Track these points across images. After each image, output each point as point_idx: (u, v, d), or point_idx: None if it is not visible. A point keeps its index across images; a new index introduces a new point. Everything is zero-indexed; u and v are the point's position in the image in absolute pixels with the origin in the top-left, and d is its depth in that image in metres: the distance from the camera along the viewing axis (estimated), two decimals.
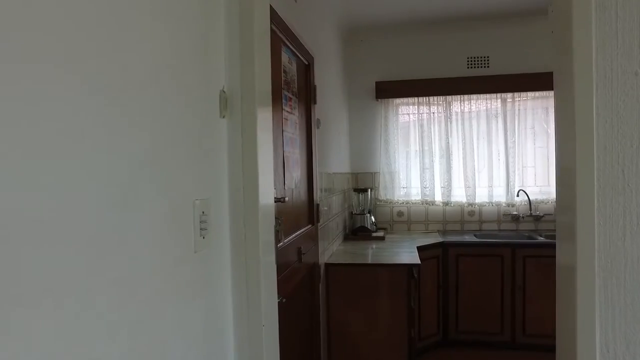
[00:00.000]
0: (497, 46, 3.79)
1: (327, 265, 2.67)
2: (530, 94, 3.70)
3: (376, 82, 3.84)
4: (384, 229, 3.95)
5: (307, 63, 2.28)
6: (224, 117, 1.21)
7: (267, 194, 1.29)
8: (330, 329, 2.63)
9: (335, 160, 3.26)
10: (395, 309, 2.58)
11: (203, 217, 1.07)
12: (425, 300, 3.19)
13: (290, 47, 1.94)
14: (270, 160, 1.35)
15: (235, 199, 1.22)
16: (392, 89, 3.81)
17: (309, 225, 2.25)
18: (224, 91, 1.22)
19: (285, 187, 1.80)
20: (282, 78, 1.81)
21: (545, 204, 3.73)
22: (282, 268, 1.66)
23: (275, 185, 1.61)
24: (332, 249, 2.97)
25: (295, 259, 1.90)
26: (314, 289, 2.33)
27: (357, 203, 3.76)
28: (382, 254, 2.94)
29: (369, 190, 3.77)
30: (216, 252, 1.15)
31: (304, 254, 1.98)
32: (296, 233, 1.97)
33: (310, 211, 2.28)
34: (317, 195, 2.44)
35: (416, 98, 3.85)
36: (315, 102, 2.41)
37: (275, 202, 1.50)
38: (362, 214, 3.66)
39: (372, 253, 2.99)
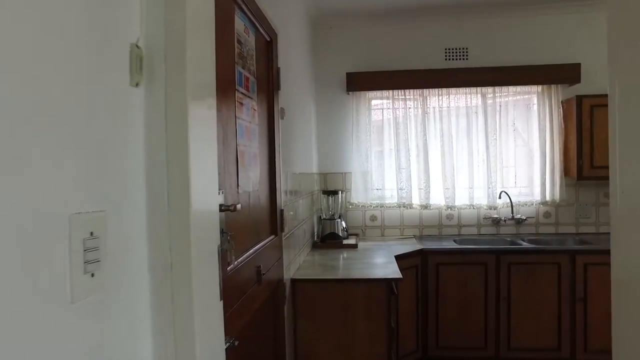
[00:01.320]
0: (477, 37, 3.52)
1: (294, 281, 2.27)
2: (512, 88, 3.45)
3: (347, 74, 3.48)
4: (356, 234, 3.60)
5: (269, 39, 1.88)
6: (137, 85, 0.79)
7: (206, 201, 0.88)
8: (297, 359, 2.23)
9: (302, 159, 2.87)
10: (374, 332, 2.21)
11: (91, 242, 0.65)
12: (403, 314, 2.84)
13: (247, 13, 1.53)
14: (213, 152, 0.94)
15: (155, 209, 0.80)
16: (365, 81, 3.46)
17: (272, 237, 1.85)
18: (137, 46, 0.80)
19: (240, 191, 1.39)
20: (236, 49, 1.40)
21: (527, 206, 3.49)
22: (234, 298, 1.25)
23: (223, 188, 1.20)
24: (299, 261, 2.57)
25: (253, 282, 1.49)
26: (277, 314, 1.92)
27: (326, 207, 3.38)
28: (356, 265, 2.57)
29: (340, 192, 3.40)
30: (121, 295, 0.73)
31: (263, 274, 1.57)
32: (255, 248, 1.56)
33: (273, 219, 1.88)
34: (282, 199, 2.03)
35: (391, 91, 3.52)
36: (279, 88, 2.01)
37: (221, 211, 1.09)
38: (332, 219, 3.28)
39: (344, 264, 2.62)
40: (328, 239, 3.20)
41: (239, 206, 1.15)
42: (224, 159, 1.23)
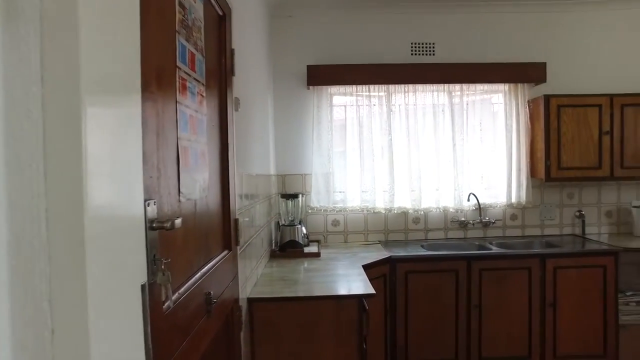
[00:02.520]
0: (443, 33, 3.36)
1: (251, 301, 1.94)
2: (479, 87, 3.31)
3: (308, 66, 3.19)
4: (318, 241, 3.32)
5: (221, 13, 1.55)
6: None
7: (120, 219, 0.56)
8: None
9: (259, 159, 2.55)
10: (344, 355, 1.93)
11: None
12: (371, 329, 2.59)
13: None
14: (134, 145, 0.62)
15: (22, 239, 0.47)
16: (327, 75, 3.19)
17: (225, 252, 1.52)
18: None
19: (182, 199, 1.06)
20: (178, 13, 1.07)
21: (495, 208, 3.37)
22: (174, 345, 0.92)
23: (157, 196, 0.87)
24: (256, 275, 2.25)
25: (202, 314, 1.17)
26: (232, 345, 1.59)
27: (285, 212, 3.08)
28: (321, 278, 2.29)
29: (300, 196, 3.11)
30: None
31: (214, 301, 1.25)
32: (203, 270, 1.23)
33: (226, 230, 1.55)
34: (236, 205, 1.71)
35: (354, 87, 3.28)
36: (233, 74, 1.68)
37: (153, 229, 0.76)
38: (292, 225, 2.98)
39: (307, 277, 2.33)
40: (288, 248, 2.90)
41: (178, 221, 0.82)
42: (158, 157, 0.90)
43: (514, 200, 3.28)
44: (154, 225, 0.78)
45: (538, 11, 3.36)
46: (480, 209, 3.29)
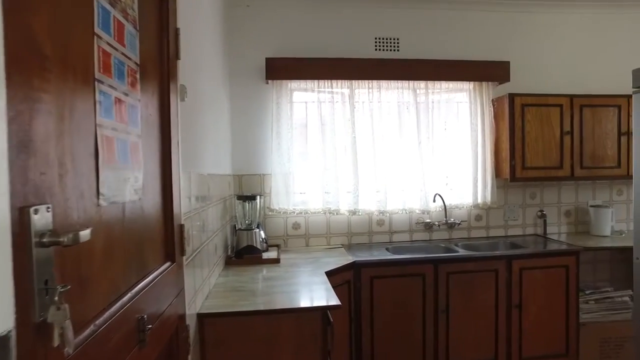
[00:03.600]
0: (408, 28, 3.26)
1: (202, 317, 1.71)
2: (444, 85, 3.23)
3: (267, 59, 2.98)
4: (277, 245, 3.11)
5: None
6: None
7: None
8: None
9: (213, 157, 2.32)
10: None
11: None
12: (335, 341, 2.42)
13: None
14: None
15: None
16: (287, 68, 2.99)
17: (167, 264, 1.29)
18: None
19: (104, 202, 0.83)
20: None
21: (460, 209, 3.29)
22: None
23: (57, 197, 0.64)
24: (208, 286, 2.02)
25: (131, 346, 0.94)
26: None
27: (242, 215, 2.85)
28: (281, 287, 2.09)
29: (258, 197, 2.89)
30: None
31: (149, 327, 1.02)
32: (134, 290, 1.00)
33: (169, 238, 1.32)
34: (182, 209, 1.48)
35: (316, 82, 3.10)
36: (178, 57, 1.46)
37: (43, 246, 0.54)
38: (250, 229, 2.76)
39: (266, 287, 2.12)
40: (245, 254, 2.68)
41: (84, 233, 0.60)
42: (61, 147, 0.68)
43: (479, 200, 3.22)
44: (45, 240, 0.56)
45: (500, 10, 3.34)
46: (445, 210, 3.20)
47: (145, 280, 1.09)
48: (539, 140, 3.05)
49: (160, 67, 1.30)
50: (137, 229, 1.06)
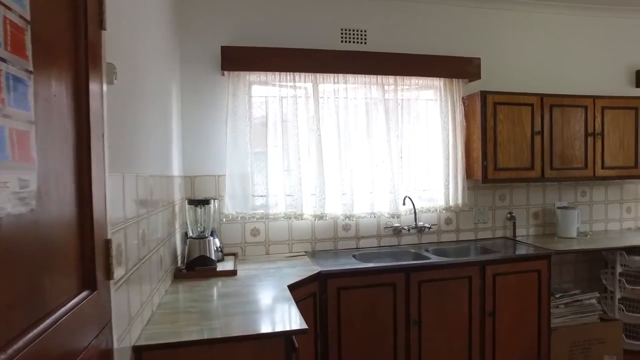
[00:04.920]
0: (376, 20, 3.06)
1: (139, 351, 1.40)
2: (413, 81, 3.05)
3: (223, 47, 2.68)
4: (234, 254, 2.81)
5: None
6: None
7: None
8: None
9: (158, 155, 1.99)
10: None
11: None
12: None
13: None
14: None
15: None
16: (245, 59, 2.70)
17: (84, 293, 0.98)
18: None
19: None
20: None
21: (430, 212, 3.13)
22: None
23: None
24: (150, 308, 1.70)
25: None
26: None
27: (194, 221, 2.53)
28: (237, 307, 1.80)
29: (212, 201, 2.58)
30: None
31: None
32: (25, 339, 0.70)
33: (87, 260, 1.01)
34: (112, 218, 1.17)
35: (277, 75, 2.82)
36: (102, 26, 1.14)
37: None
38: (203, 237, 2.45)
39: (220, 307, 1.82)
40: (197, 265, 2.36)
41: None
42: None
43: (450, 203, 3.07)
44: None
45: (471, 6, 3.22)
46: (415, 213, 3.03)
47: (46, 323, 0.79)
48: (510, 140, 2.94)
49: (74, 36, 0.99)
50: (29, 252, 0.75)
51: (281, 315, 1.70)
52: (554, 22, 3.43)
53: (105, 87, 1.15)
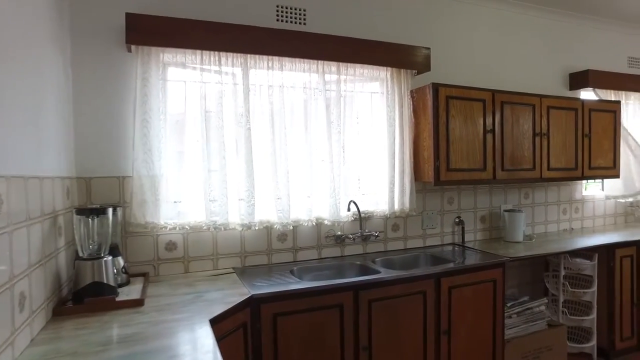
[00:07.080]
0: None
1: None
2: (358, 70, 2.70)
3: (128, 15, 2.11)
4: (144, 275, 2.26)
5: None
6: None
7: None
8: None
9: (25, 149, 1.41)
10: None
11: None
12: None
13: None
14: None
15: None
16: (157, 31, 2.16)
17: None
18: None
19: None
20: None
21: (376, 218, 2.79)
22: None
23: None
24: None
25: None
26: None
27: (85, 236, 1.93)
28: None
29: (112, 209, 2.00)
30: None
31: None
32: None
33: None
34: None
35: (199, 54, 2.32)
36: None
37: None
38: (97, 257, 1.87)
39: None
40: (89, 295, 1.78)
41: None
42: None
43: (396, 207, 2.76)
44: None
45: None
46: (361, 219, 2.67)
47: None
48: (463, 138, 2.70)
49: None
50: None
51: None
52: (500, 17, 3.30)
53: None
